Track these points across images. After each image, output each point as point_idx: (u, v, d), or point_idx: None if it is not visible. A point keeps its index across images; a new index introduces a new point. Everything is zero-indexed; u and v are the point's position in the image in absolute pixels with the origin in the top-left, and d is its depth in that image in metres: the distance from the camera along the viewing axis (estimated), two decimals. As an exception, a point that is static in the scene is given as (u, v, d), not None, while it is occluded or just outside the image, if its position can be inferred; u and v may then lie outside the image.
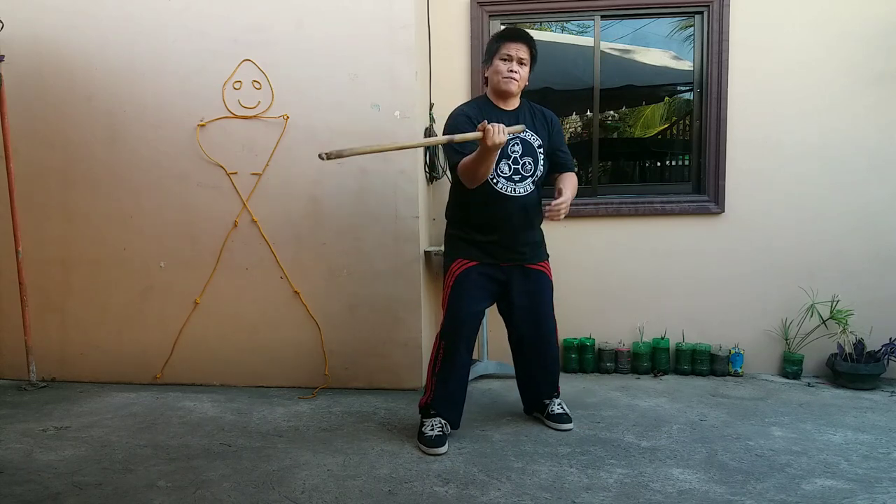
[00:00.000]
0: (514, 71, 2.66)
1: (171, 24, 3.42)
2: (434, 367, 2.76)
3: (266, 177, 3.44)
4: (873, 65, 3.60)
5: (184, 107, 3.46)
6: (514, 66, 2.66)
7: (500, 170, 2.68)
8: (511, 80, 2.67)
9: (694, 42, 3.80)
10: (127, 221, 3.56)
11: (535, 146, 2.73)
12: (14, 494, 2.30)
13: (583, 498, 2.25)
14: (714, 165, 3.75)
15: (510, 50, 2.66)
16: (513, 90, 2.69)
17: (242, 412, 3.15)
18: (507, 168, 2.69)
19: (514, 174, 2.70)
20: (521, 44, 2.67)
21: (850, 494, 2.26)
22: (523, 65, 2.69)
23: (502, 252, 2.74)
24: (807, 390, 3.50)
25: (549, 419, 2.91)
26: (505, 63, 2.67)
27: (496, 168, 2.67)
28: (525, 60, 2.69)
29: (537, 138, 2.74)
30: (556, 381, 2.96)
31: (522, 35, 2.70)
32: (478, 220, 2.74)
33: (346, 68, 3.35)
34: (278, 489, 2.33)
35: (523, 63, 2.68)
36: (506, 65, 2.67)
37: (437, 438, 2.65)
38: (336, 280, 3.47)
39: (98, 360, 3.65)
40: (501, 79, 2.68)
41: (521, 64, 2.68)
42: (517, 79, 2.67)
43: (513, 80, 2.67)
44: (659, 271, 3.81)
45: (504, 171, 2.69)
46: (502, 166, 2.69)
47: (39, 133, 3.57)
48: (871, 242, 3.69)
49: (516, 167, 2.70)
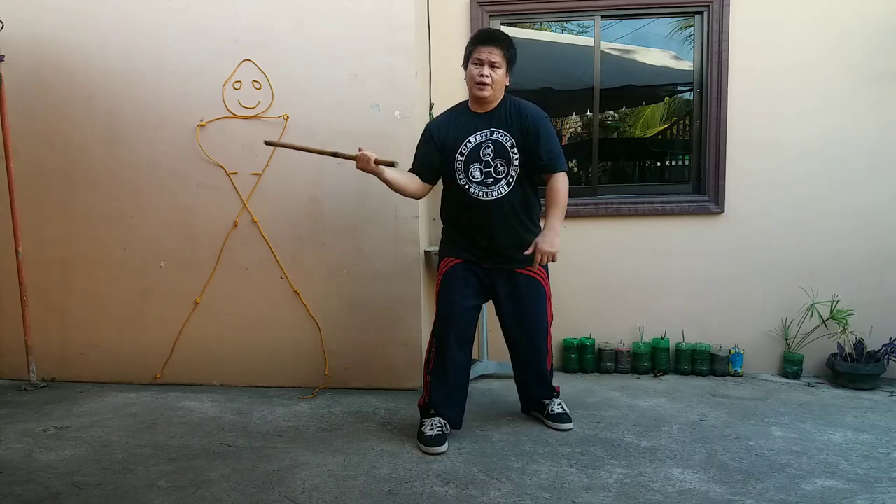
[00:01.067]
0: (484, 75, 2.60)
1: (171, 24, 3.42)
2: (427, 365, 2.78)
3: (266, 177, 3.44)
4: (873, 65, 3.60)
5: (184, 107, 3.46)
6: (486, 70, 2.60)
7: (471, 174, 2.67)
8: (483, 85, 2.61)
9: (694, 42, 3.80)
10: (127, 221, 3.56)
11: (508, 146, 2.65)
12: (14, 494, 2.30)
13: (583, 498, 2.25)
14: (714, 165, 3.74)
15: (481, 54, 2.61)
16: (485, 95, 2.64)
17: (242, 412, 3.15)
18: (478, 172, 2.67)
19: (487, 178, 2.66)
20: (492, 46, 2.61)
21: (850, 494, 2.26)
22: (496, 68, 2.61)
23: (484, 255, 2.74)
24: (807, 390, 3.50)
25: (549, 419, 2.91)
26: (476, 67, 2.62)
27: (467, 173, 2.67)
28: (497, 63, 2.61)
29: (510, 138, 2.65)
30: (549, 383, 2.96)
31: (493, 37, 2.64)
32: (458, 224, 2.77)
33: (346, 68, 3.35)
34: (278, 489, 2.33)
35: (495, 66, 2.61)
36: (477, 69, 2.62)
37: (437, 438, 2.65)
38: (336, 280, 3.46)
39: (98, 360, 3.65)
40: (474, 84, 2.64)
41: (494, 67, 2.61)
42: (488, 83, 2.60)
43: (485, 86, 2.61)
44: (659, 271, 3.81)
45: (476, 176, 2.67)
46: (473, 170, 2.67)
47: (39, 133, 3.57)
48: (871, 242, 3.69)
49: (488, 170, 2.66)
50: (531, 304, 2.78)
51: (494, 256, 2.74)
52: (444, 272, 2.77)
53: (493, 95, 2.66)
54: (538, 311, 2.80)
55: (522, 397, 3.04)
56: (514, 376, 3.02)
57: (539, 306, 2.80)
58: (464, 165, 2.68)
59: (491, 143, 2.67)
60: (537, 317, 2.80)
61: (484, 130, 2.69)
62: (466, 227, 2.75)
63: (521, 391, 3.03)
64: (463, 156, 2.68)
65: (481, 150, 2.67)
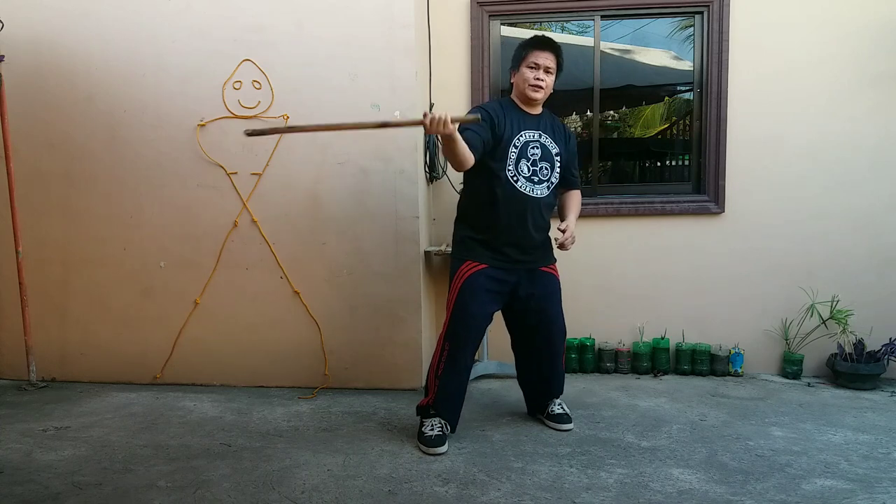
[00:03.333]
0: (540, 79, 2.69)
1: (171, 24, 3.42)
2: (437, 369, 2.73)
3: (266, 177, 3.44)
4: (873, 65, 3.60)
5: (184, 107, 3.46)
6: (541, 74, 2.69)
7: (520, 169, 2.71)
8: (538, 88, 2.70)
9: (694, 42, 3.80)
10: (127, 221, 3.56)
11: (553, 153, 2.78)
12: (14, 494, 2.30)
13: (583, 498, 2.25)
14: (714, 165, 3.74)
15: (538, 59, 2.69)
16: (539, 98, 2.74)
17: (242, 412, 3.15)
18: (526, 168, 2.72)
19: (533, 175, 2.73)
20: (549, 52, 2.70)
21: (850, 494, 2.26)
22: (550, 73, 2.72)
23: (515, 252, 2.74)
24: (807, 390, 3.50)
25: (550, 419, 2.91)
26: (532, 71, 2.70)
27: (516, 167, 2.71)
28: (552, 69, 2.72)
29: (556, 146, 2.78)
30: (563, 382, 2.98)
31: (550, 44, 2.72)
32: (495, 220, 2.70)
33: (346, 68, 3.35)
34: (278, 489, 2.33)
35: (550, 72, 2.72)
36: (532, 73, 2.70)
37: (437, 438, 2.65)
38: (336, 280, 3.47)
39: (98, 360, 3.65)
40: (528, 87, 2.71)
41: (548, 73, 2.71)
42: (543, 87, 2.71)
43: (539, 89, 2.71)
44: (659, 271, 3.81)
45: (524, 171, 2.71)
46: (522, 166, 2.71)
47: (39, 133, 3.57)
48: (871, 242, 3.69)
49: (535, 169, 2.73)
50: (551, 301, 2.84)
51: (524, 255, 2.76)
52: (467, 277, 2.70)
53: (543, 99, 2.77)
54: (558, 307, 2.87)
55: (531, 399, 3.02)
56: (522, 378, 3.00)
57: (558, 302, 2.88)
58: (516, 158, 2.71)
59: (539, 145, 2.75)
60: (557, 313, 2.87)
61: (534, 131, 2.76)
62: (501, 224, 2.70)
63: (531, 392, 3.01)
64: (517, 148, 2.72)
65: (529, 149, 2.73)
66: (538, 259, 2.81)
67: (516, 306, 2.83)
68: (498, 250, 2.72)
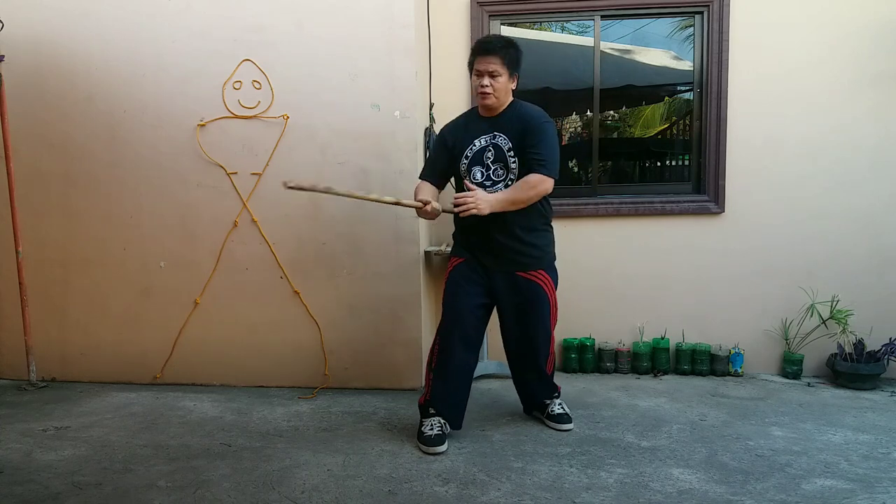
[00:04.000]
0: (485, 86, 2.64)
1: (171, 24, 3.42)
2: (430, 363, 2.79)
3: (266, 177, 3.44)
4: (873, 65, 3.60)
5: (184, 107, 3.46)
6: (486, 80, 2.63)
7: (472, 176, 2.72)
8: (485, 95, 2.66)
9: (694, 42, 3.80)
10: (127, 221, 3.56)
11: (505, 150, 2.68)
12: (14, 494, 2.30)
13: (583, 498, 2.25)
14: (714, 165, 3.74)
15: (480, 65, 2.64)
16: (489, 104, 2.68)
17: (242, 412, 3.15)
18: (479, 174, 2.72)
19: (486, 180, 2.71)
20: (490, 56, 2.62)
21: (850, 494, 2.26)
22: (496, 76, 2.62)
23: (486, 258, 2.76)
24: (807, 390, 3.50)
25: (549, 419, 2.92)
26: (477, 78, 2.67)
27: (470, 175, 2.72)
28: (497, 71, 2.62)
29: (507, 141, 2.68)
30: (549, 384, 2.96)
31: (491, 48, 2.64)
32: (463, 224, 2.80)
33: (346, 68, 3.35)
34: (278, 489, 2.33)
35: (495, 75, 2.62)
36: (478, 80, 2.66)
37: (436, 437, 2.65)
38: (336, 280, 3.46)
39: (98, 360, 3.65)
40: (477, 94, 2.70)
41: (494, 76, 2.62)
42: (489, 92, 2.64)
43: (486, 95, 2.65)
44: (659, 271, 3.81)
45: (476, 178, 2.72)
46: (475, 173, 2.72)
47: (39, 133, 3.57)
48: (871, 242, 3.69)
49: (488, 173, 2.71)
50: (530, 307, 2.78)
51: (494, 259, 2.75)
52: (450, 271, 2.82)
53: (497, 102, 2.70)
54: (538, 314, 2.79)
55: (522, 398, 3.05)
56: (513, 377, 3.03)
57: (539, 309, 2.78)
58: (467, 167, 2.74)
59: (492, 146, 2.71)
60: (537, 319, 2.79)
61: (487, 135, 2.73)
62: (467, 228, 2.79)
63: (521, 391, 3.04)
64: (468, 158, 2.73)
65: (484, 154, 2.72)
66: (514, 264, 2.74)
67: (497, 308, 2.85)
68: (471, 250, 2.79)
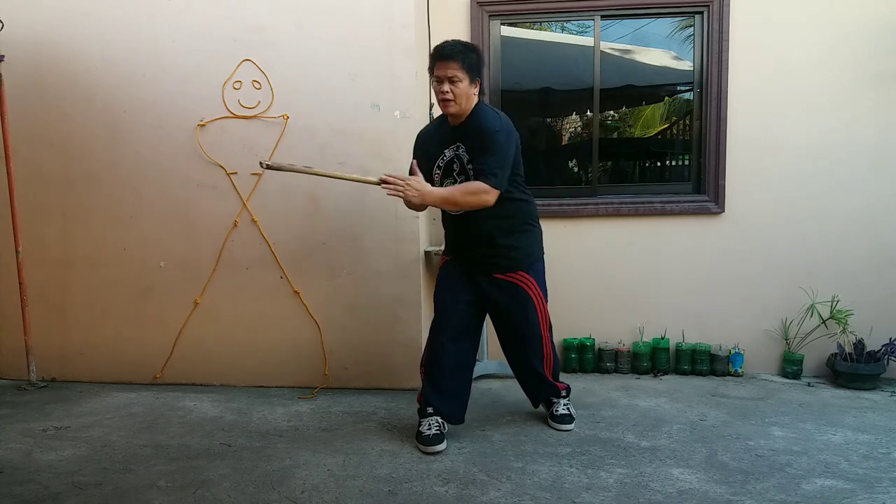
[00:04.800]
0: (445, 92, 2.56)
1: (171, 24, 3.42)
2: (422, 359, 2.83)
3: (266, 177, 3.44)
4: (873, 65, 3.60)
5: (184, 107, 3.46)
6: (445, 86, 2.56)
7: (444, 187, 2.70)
8: (446, 102, 2.60)
9: (694, 42, 3.80)
10: (127, 221, 3.56)
11: (465, 162, 2.65)
12: (14, 494, 2.30)
13: (583, 498, 2.25)
14: (714, 165, 3.74)
15: (439, 71, 2.58)
16: (452, 111, 2.61)
17: (242, 412, 3.15)
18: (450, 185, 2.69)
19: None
20: (449, 62, 2.55)
21: (850, 494, 2.26)
22: (456, 81, 2.55)
23: (467, 263, 2.80)
24: (807, 390, 3.50)
25: (552, 419, 2.93)
26: (437, 85, 2.61)
27: (442, 185, 2.71)
28: (457, 77, 2.55)
29: (466, 152, 2.65)
30: (549, 384, 2.93)
31: (448, 53, 2.57)
32: (445, 228, 2.88)
33: (346, 68, 3.35)
34: (278, 489, 2.33)
35: (455, 80, 2.55)
36: (438, 86, 2.61)
37: (434, 437, 2.65)
38: (336, 280, 3.46)
39: (98, 360, 3.65)
40: (439, 101, 2.64)
41: (454, 82, 2.55)
42: (450, 98, 2.57)
43: (448, 102, 2.59)
44: (659, 271, 3.81)
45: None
46: (447, 185, 2.70)
47: (39, 133, 3.57)
48: (871, 242, 3.68)
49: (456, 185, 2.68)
50: (515, 309, 2.77)
51: (477, 264, 2.78)
52: (440, 268, 2.89)
53: (459, 109, 2.63)
54: (523, 315, 2.77)
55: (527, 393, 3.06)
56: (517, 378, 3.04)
57: (524, 310, 2.76)
58: (440, 180, 2.73)
59: (456, 158, 2.68)
60: (523, 320, 2.78)
61: (453, 145, 2.69)
62: (449, 234, 2.87)
63: (524, 389, 3.05)
64: (440, 169, 2.73)
65: (453, 165, 2.70)
66: (494, 267, 2.74)
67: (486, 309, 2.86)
68: (457, 254, 2.83)
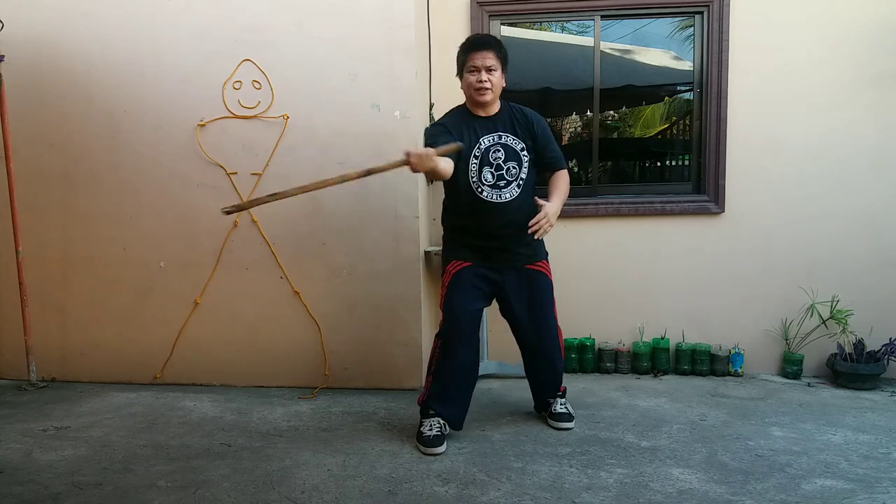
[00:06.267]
0: (483, 81, 2.65)
1: (171, 24, 3.42)
2: (430, 365, 2.80)
3: (266, 177, 3.44)
4: (874, 65, 3.60)
5: (184, 107, 3.46)
6: (483, 75, 2.65)
7: (483, 178, 2.70)
8: (483, 90, 2.66)
9: (694, 42, 3.80)
10: (127, 221, 3.56)
11: (518, 150, 2.72)
12: (14, 494, 2.30)
13: (583, 498, 2.25)
14: (714, 165, 3.74)
15: (475, 60, 2.65)
16: (487, 100, 2.69)
17: (242, 412, 3.15)
18: (490, 175, 2.70)
19: (499, 180, 2.70)
20: (486, 51, 2.65)
21: (850, 494, 2.26)
22: (492, 71, 2.66)
23: (496, 254, 2.77)
24: (807, 390, 3.50)
25: (551, 418, 2.93)
26: (473, 74, 2.67)
27: (480, 177, 2.70)
28: (493, 66, 2.65)
29: (519, 141, 2.73)
30: (559, 381, 2.98)
31: (485, 42, 2.68)
32: (469, 227, 2.77)
33: (346, 68, 3.35)
34: (278, 489, 2.33)
35: (492, 70, 2.65)
36: (474, 76, 2.66)
37: (435, 438, 2.65)
38: (336, 280, 3.46)
39: (98, 360, 3.65)
40: (474, 91, 2.68)
41: (490, 71, 2.65)
42: (488, 87, 2.66)
43: (485, 91, 2.66)
44: (659, 271, 3.81)
45: (487, 179, 2.70)
46: (485, 174, 2.70)
47: (39, 133, 3.57)
48: (871, 242, 3.68)
49: (500, 173, 2.70)
50: (542, 298, 2.83)
51: (507, 255, 2.76)
52: (453, 274, 2.77)
53: (493, 98, 2.72)
54: (550, 305, 2.86)
55: (534, 396, 3.05)
56: (528, 375, 3.03)
57: (550, 300, 2.86)
58: (478, 168, 2.71)
59: (500, 146, 2.72)
60: (549, 310, 2.86)
61: (492, 134, 2.73)
62: (475, 230, 2.76)
63: (533, 390, 3.04)
64: (477, 158, 2.71)
65: (491, 154, 2.71)
66: (522, 258, 2.79)
67: (506, 305, 2.85)
68: (478, 251, 2.77)
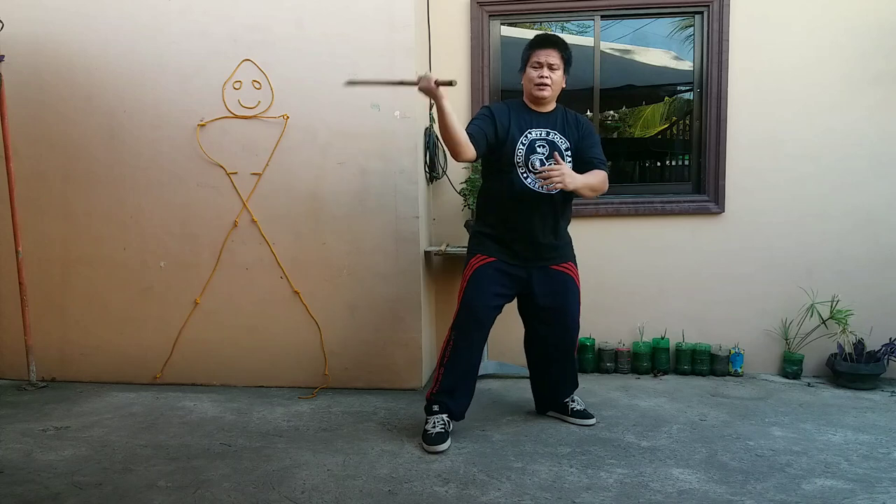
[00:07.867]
0: (544, 76, 2.71)
1: (171, 24, 3.43)
2: (443, 358, 2.78)
3: (266, 177, 3.44)
4: (873, 65, 3.60)
5: (184, 107, 3.46)
6: (545, 72, 2.71)
7: (531, 165, 2.73)
8: (543, 86, 2.72)
9: (694, 42, 3.80)
10: (127, 221, 3.56)
11: (563, 148, 2.77)
12: (14, 494, 2.30)
13: (583, 498, 2.25)
14: (714, 165, 3.74)
15: (540, 57, 2.71)
16: (545, 95, 2.74)
17: (242, 412, 3.15)
18: (538, 163, 2.73)
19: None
20: (551, 49, 2.71)
21: (850, 494, 2.26)
22: (554, 69, 2.73)
23: (526, 249, 2.77)
24: (807, 390, 3.50)
25: (574, 416, 2.94)
26: (536, 70, 2.72)
27: (527, 163, 2.73)
28: (556, 65, 2.72)
29: (565, 140, 2.78)
30: (575, 381, 2.99)
31: (552, 40, 2.75)
32: (506, 217, 2.77)
33: (346, 68, 3.35)
34: (278, 489, 2.33)
35: (554, 68, 2.72)
36: (537, 71, 2.72)
37: (438, 436, 2.66)
38: (336, 280, 3.47)
39: (98, 360, 3.65)
40: (534, 86, 2.73)
41: (552, 69, 2.72)
42: (549, 83, 2.72)
43: (545, 87, 2.72)
44: (659, 271, 3.81)
45: (535, 166, 2.73)
46: (534, 161, 2.73)
47: (39, 133, 3.57)
48: (871, 242, 3.69)
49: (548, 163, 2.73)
50: (568, 298, 2.85)
51: (536, 250, 2.78)
52: (476, 268, 2.77)
53: (551, 96, 2.77)
54: (576, 307, 2.88)
55: (541, 397, 3.04)
56: (533, 376, 3.03)
57: (576, 302, 2.88)
58: (525, 155, 2.74)
59: (546, 142, 2.75)
60: (576, 313, 2.88)
61: (542, 129, 2.77)
62: (511, 221, 2.76)
63: (542, 391, 3.03)
64: (524, 145, 2.74)
65: (537, 145, 2.75)
66: (551, 258, 2.82)
67: (530, 303, 2.86)
68: (508, 246, 2.77)
